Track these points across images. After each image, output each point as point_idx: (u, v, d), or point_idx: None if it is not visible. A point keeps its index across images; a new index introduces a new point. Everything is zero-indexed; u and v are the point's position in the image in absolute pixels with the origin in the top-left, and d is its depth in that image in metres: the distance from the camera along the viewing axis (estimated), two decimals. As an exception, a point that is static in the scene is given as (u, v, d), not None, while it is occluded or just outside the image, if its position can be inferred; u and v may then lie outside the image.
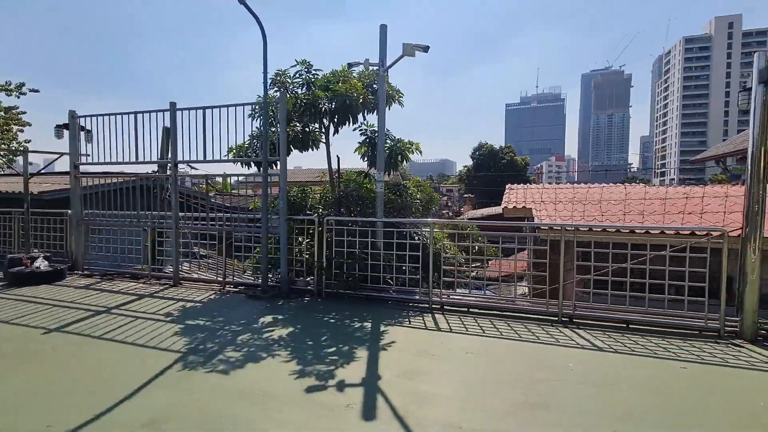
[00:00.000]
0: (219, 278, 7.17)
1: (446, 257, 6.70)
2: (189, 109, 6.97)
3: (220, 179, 13.10)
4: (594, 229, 6.27)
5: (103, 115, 7.65)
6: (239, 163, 7.47)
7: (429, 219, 6.06)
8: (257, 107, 7.91)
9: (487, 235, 7.11)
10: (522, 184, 13.42)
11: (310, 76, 6.86)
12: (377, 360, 3.98)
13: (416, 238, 6.81)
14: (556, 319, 5.27)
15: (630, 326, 5.04)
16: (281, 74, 7.12)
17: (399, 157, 7.59)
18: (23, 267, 7.19)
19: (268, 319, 5.24)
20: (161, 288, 6.89)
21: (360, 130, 7.53)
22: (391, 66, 6.12)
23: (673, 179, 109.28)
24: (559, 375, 3.70)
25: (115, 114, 7.48)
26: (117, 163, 7.67)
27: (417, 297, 6.06)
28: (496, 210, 24.26)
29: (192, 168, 9.70)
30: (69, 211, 8.21)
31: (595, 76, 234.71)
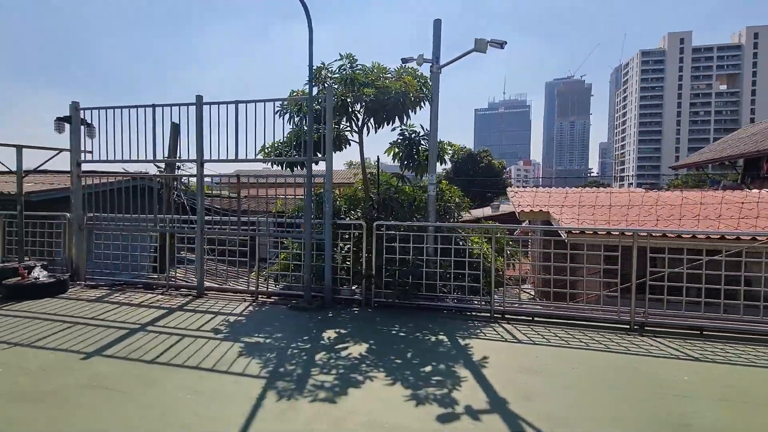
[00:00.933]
0: (251, 288, 6.57)
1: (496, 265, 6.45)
2: (219, 103, 6.36)
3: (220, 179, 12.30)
4: (668, 235, 6.22)
5: (108, 108, 6.89)
6: (270, 163, 6.91)
7: (493, 224, 5.77)
8: (289, 104, 7.40)
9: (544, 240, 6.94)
10: (527, 188, 13.45)
11: (353, 71, 6.42)
12: (485, 379, 3.64)
13: (460, 243, 6.53)
14: (629, 327, 5.12)
15: (703, 333, 4.97)
16: (323, 68, 6.64)
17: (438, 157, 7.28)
18: (20, 278, 6.31)
19: (331, 334, 4.78)
20: (186, 300, 6.22)
21: (399, 130, 7.16)
22: (450, 63, 5.81)
23: (632, 183, 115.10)
24: (681, 390, 3.50)
25: (127, 107, 6.74)
26: (124, 161, 6.92)
27: (477, 305, 5.78)
28: (486, 211, 24.43)
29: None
30: (67, 214, 7.34)
31: (558, 84, 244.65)
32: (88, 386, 3.37)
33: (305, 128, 6.21)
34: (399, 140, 7.32)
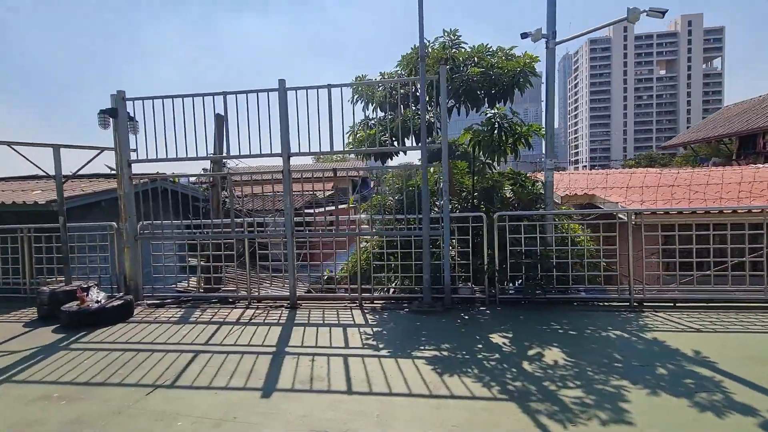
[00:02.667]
0: (350, 294, 5.90)
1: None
2: (308, 88, 5.58)
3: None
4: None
5: (156, 97, 5.89)
6: (358, 156, 6.22)
7: (630, 207, 5.47)
8: (358, 89, 6.75)
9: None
10: (560, 171, 13.41)
11: (456, 49, 5.86)
12: (731, 375, 3.32)
13: (580, 231, 6.26)
14: (778, 305, 5.03)
15: None
16: (429, 45, 6.02)
17: (523, 142, 6.90)
18: (79, 302, 5.29)
19: (499, 339, 4.30)
20: (283, 313, 5.49)
21: (485, 114, 6.69)
22: (571, 39, 5.41)
23: (585, 166, 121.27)
24: None
25: (181, 96, 5.79)
26: (179, 159, 6.01)
27: (612, 295, 5.49)
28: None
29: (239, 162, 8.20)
30: (114, 224, 6.28)
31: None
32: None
33: (409, 113, 5.63)
34: (479, 125, 6.86)
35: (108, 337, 4.70)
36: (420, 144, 5.40)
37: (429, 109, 6.10)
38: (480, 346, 4.12)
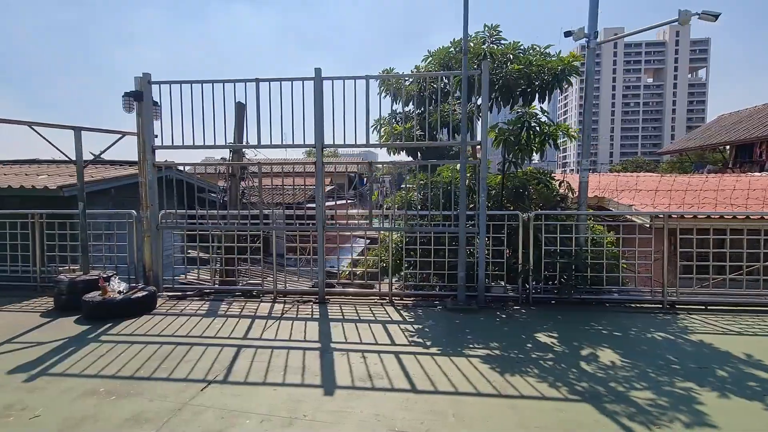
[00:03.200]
0: (380, 290, 5.79)
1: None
2: (345, 78, 5.43)
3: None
4: None
5: (186, 82, 5.68)
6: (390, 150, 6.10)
7: (663, 211, 5.50)
8: (386, 82, 6.63)
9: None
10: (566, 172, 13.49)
11: (494, 45, 5.78)
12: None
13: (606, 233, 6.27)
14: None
15: None
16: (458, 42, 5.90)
17: (551, 141, 6.88)
18: (102, 292, 5.05)
19: (545, 338, 4.25)
20: (312, 308, 5.35)
21: (518, 112, 6.63)
22: (615, 39, 5.38)
23: (573, 170, 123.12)
24: None
25: (210, 81, 5.60)
26: (206, 147, 5.84)
27: (645, 296, 5.51)
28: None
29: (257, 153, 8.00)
30: (133, 212, 6.04)
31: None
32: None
33: (452, 108, 5.53)
34: (504, 123, 6.80)
35: (138, 330, 4.50)
36: (460, 139, 5.31)
37: (454, 104, 6.01)
38: (530, 345, 4.07)
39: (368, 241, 10.10)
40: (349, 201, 17.49)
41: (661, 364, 3.60)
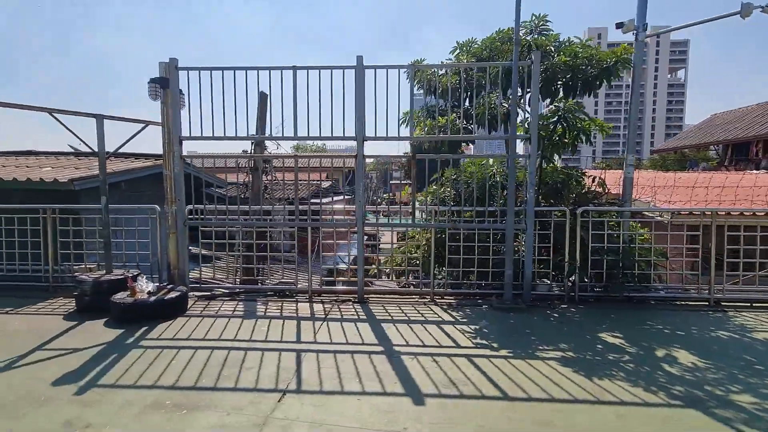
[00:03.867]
0: (424, 289, 5.57)
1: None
2: (388, 67, 5.17)
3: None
4: None
5: (216, 68, 5.33)
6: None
7: (711, 207, 5.43)
8: (416, 72, 6.39)
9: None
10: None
11: (540, 36, 5.60)
12: None
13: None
14: None
15: None
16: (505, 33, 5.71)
17: (583, 137, 6.77)
18: (130, 293, 4.70)
19: (609, 338, 4.11)
20: (354, 308, 5.11)
21: (555, 105, 6.48)
22: (668, 31, 5.27)
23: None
24: None
25: (244, 69, 5.25)
26: (238, 138, 5.54)
27: (692, 294, 5.45)
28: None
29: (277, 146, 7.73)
30: (156, 207, 5.67)
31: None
32: None
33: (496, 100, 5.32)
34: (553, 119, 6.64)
35: (178, 333, 4.18)
36: (509, 132, 5.13)
37: (497, 96, 5.81)
38: (600, 346, 3.92)
39: (366, 237, 9.88)
40: (346, 197, 17.20)
41: (743, 365, 3.50)
